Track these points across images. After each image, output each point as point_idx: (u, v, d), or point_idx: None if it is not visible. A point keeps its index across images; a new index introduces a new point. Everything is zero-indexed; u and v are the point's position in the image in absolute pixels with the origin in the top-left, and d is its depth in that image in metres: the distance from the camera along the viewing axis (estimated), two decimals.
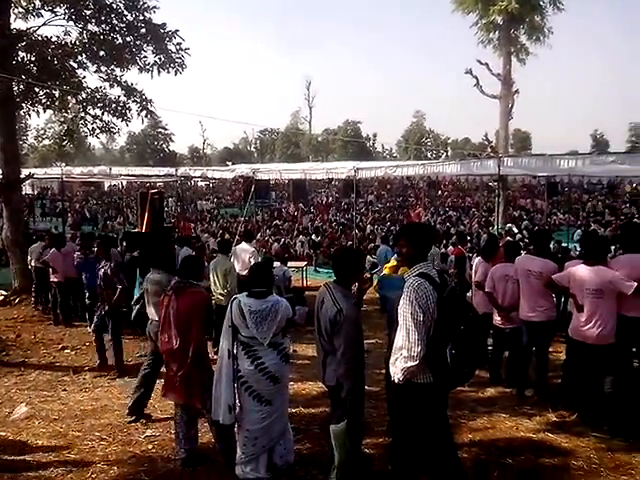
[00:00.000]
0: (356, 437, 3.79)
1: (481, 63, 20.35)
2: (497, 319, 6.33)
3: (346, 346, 3.58)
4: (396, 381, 3.31)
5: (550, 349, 6.04)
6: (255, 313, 3.85)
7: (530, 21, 20.35)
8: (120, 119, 12.59)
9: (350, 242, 17.66)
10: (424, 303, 3.16)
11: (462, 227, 22.63)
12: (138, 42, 12.05)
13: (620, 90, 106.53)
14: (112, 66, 12.29)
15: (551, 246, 14.18)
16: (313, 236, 20.29)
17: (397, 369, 3.28)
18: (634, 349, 5.38)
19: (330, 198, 36.02)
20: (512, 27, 20.41)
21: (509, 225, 20.52)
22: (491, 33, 21.07)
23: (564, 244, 15.15)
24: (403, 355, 3.22)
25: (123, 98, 12.45)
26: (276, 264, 10.79)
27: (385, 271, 5.06)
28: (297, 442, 4.60)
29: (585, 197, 31.18)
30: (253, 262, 8.86)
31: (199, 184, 37.33)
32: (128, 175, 22.01)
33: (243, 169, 17.68)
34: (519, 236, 18.02)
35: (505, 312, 6.22)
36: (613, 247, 10.13)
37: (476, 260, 7.12)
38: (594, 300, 5.02)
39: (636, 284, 4.90)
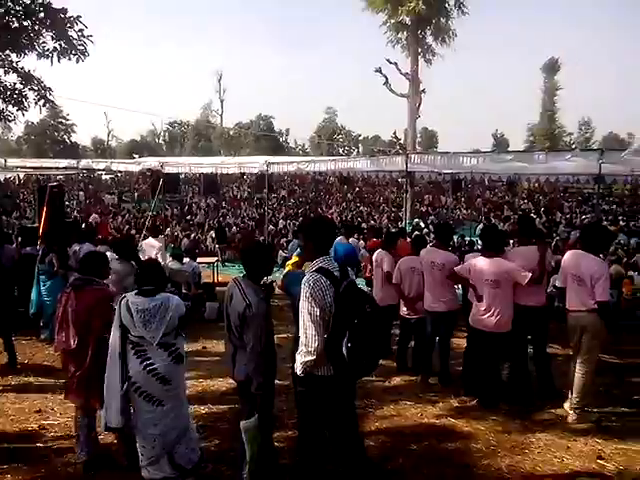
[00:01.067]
0: (267, 431, 3.78)
1: (390, 62, 20.82)
2: (404, 310, 6.54)
3: (256, 341, 3.54)
4: (298, 374, 3.37)
5: (453, 338, 6.29)
6: (143, 312, 3.67)
7: (436, 23, 21.06)
8: (16, 108, 11.76)
9: (263, 237, 17.57)
10: (320, 298, 3.23)
11: (372, 222, 23.13)
12: (36, 27, 11.30)
13: (519, 92, 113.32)
14: (7, 51, 11.46)
15: (455, 239, 14.89)
16: (212, 233, 19.64)
17: (297, 363, 3.36)
18: (529, 336, 5.73)
19: (245, 193, 35.70)
20: (420, 28, 21.02)
21: (416, 220, 21.21)
22: (400, 33, 21.61)
23: (467, 238, 15.93)
24: (302, 350, 3.29)
25: (19, 86, 11.65)
26: (186, 260, 10.54)
27: (288, 267, 5.09)
28: (205, 440, 4.53)
29: (487, 193, 32.89)
30: (160, 258, 8.61)
31: (103, 177, 35.77)
32: (25, 167, 20.67)
33: (150, 162, 17.11)
34: (426, 230, 18.69)
35: (411, 303, 6.43)
36: (512, 241, 10.74)
37: (377, 252, 7.30)
38: (492, 290, 5.30)
39: (530, 274, 5.22)
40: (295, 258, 5.21)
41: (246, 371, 3.63)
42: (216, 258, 14.73)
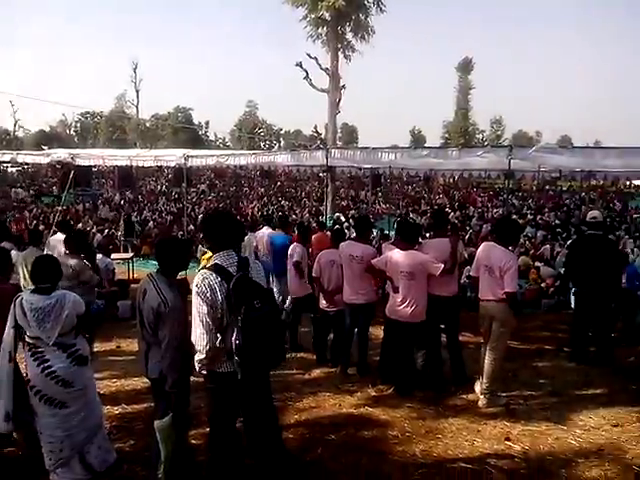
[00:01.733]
0: (182, 429, 3.70)
1: (310, 57, 20.89)
2: (323, 303, 6.59)
3: (171, 338, 3.47)
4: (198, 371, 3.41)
5: (370, 329, 6.41)
6: (37, 310, 3.48)
7: (356, 19, 21.32)
8: None
9: (181, 232, 17.17)
10: (208, 296, 3.25)
11: (294, 216, 23.18)
12: None
13: (436, 90, 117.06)
14: None
15: (375, 233, 15.17)
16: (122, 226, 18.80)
17: (195, 361, 3.39)
18: (442, 325, 5.93)
19: (162, 187, 34.75)
20: (339, 24, 21.21)
21: (337, 214, 21.47)
22: (320, 28, 21.70)
23: (386, 232, 16.27)
24: (197, 349, 3.33)
25: None
26: (99, 256, 10.12)
27: (203, 261, 5.01)
28: (119, 440, 4.38)
29: (405, 188, 33.81)
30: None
31: (9, 170, 33.70)
32: None
33: (60, 154, 16.24)
34: (347, 224, 18.95)
35: (330, 296, 6.49)
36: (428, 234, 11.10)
37: (292, 246, 7.34)
38: (407, 282, 5.43)
39: (443, 265, 5.40)
40: (210, 253, 5.14)
41: (160, 368, 3.54)
42: (132, 254, 14.25)
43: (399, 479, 3.84)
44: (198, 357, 3.33)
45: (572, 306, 7.30)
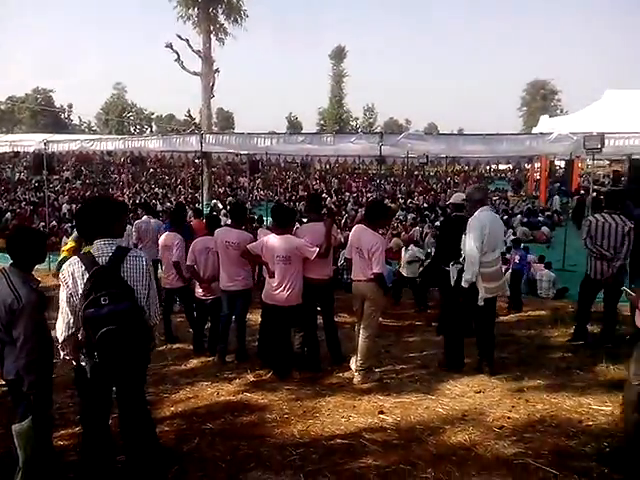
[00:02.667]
0: (44, 432, 3.46)
1: (181, 38, 20.21)
2: (199, 291, 6.45)
3: (27, 336, 3.23)
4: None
5: (248, 315, 6.39)
6: None
7: (228, 1, 20.93)
8: None
9: (43, 223, 15.96)
10: (69, 284, 3.18)
11: (169, 204, 22.45)
12: None
13: (312, 77, 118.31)
14: None
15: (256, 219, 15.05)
16: None
17: None
18: (318, 308, 6.05)
19: (21, 175, 32.05)
20: (211, 6, 20.71)
21: (214, 201, 21.11)
22: (190, 9, 21.03)
23: (264, 218, 16.26)
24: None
25: None
26: None
27: (63, 253, 4.68)
28: None
29: (283, 174, 33.99)
30: None
31: None
32: None
33: None
34: (224, 211, 18.69)
35: (207, 284, 6.37)
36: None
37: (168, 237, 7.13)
38: (283, 266, 5.47)
39: (318, 249, 5.49)
40: (71, 243, 4.83)
41: (16, 369, 3.27)
42: None
43: (278, 461, 3.86)
44: (60, 350, 3.26)
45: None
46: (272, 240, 5.57)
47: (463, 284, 5.44)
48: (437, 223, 14.77)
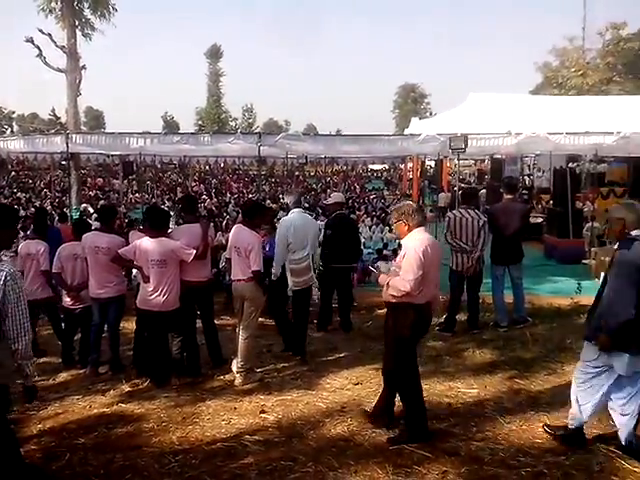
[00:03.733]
0: None
1: (43, 32, 18.82)
2: (67, 301, 6.07)
3: None
4: None
5: (122, 323, 6.12)
6: None
7: None
8: None
9: None
10: None
11: (33, 209, 20.87)
12: None
13: (189, 76, 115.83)
14: None
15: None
16: None
17: None
18: (198, 312, 5.93)
19: None
20: None
21: (84, 205, 19.94)
22: (53, 2, 19.66)
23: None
24: None
25: None
26: None
27: None
28: None
29: (160, 176, 32.89)
30: None
31: None
32: None
33: None
34: (95, 215, 17.74)
35: (75, 292, 6.01)
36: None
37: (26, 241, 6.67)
38: (159, 270, 5.30)
39: (195, 251, 5.38)
40: None
41: None
42: None
43: (155, 470, 3.74)
44: None
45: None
46: (146, 243, 5.37)
47: (273, 277, 5.99)
48: (319, 222, 15.03)
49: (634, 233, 3.77)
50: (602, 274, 4.91)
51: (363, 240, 14.13)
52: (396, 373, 4.25)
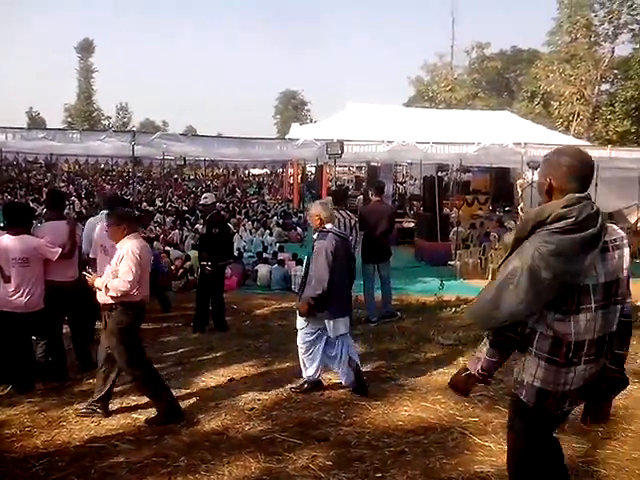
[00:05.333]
0: None
1: None
2: None
3: None
4: None
5: None
6: None
7: None
8: None
9: None
10: None
11: None
12: None
13: (57, 71, 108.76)
14: None
15: None
16: None
17: None
18: (65, 316, 5.68)
19: None
20: None
21: None
22: None
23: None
24: None
25: None
26: None
27: None
28: None
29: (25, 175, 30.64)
30: None
31: None
32: None
33: None
34: None
35: None
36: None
37: None
38: (21, 269, 5.01)
39: (60, 250, 5.16)
40: None
41: None
42: None
43: (18, 474, 3.57)
44: None
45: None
46: (6, 241, 5.05)
47: None
48: (198, 226, 14.85)
49: (328, 226, 4.99)
50: None
51: (244, 244, 14.25)
52: (130, 368, 4.52)
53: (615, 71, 34.37)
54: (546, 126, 22.13)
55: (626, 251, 2.36)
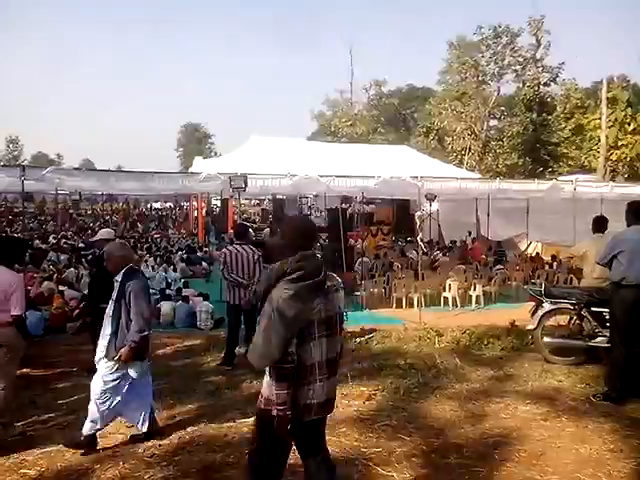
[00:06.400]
0: None
1: None
2: None
3: None
4: None
5: None
6: None
7: None
8: None
9: None
10: None
11: None
12: None
13: None
14: None
15: None
16: None
17: None
18: None
19: None
20: None
21: None
22: None
23: None
24: None
25: None
26: None
27: None
28: None
29: None
30: None
31: None
32: None
33: None
34: None
35: None
36: None
37: None
38: None
39: None
40: None
41: None
42: None
43: None
44: None
45: None
46: None
47: None
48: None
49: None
50: None
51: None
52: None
53: (502, 108, 37.22)
54: (441, 160, 23.44)
55: (341, 293, 3.10)
